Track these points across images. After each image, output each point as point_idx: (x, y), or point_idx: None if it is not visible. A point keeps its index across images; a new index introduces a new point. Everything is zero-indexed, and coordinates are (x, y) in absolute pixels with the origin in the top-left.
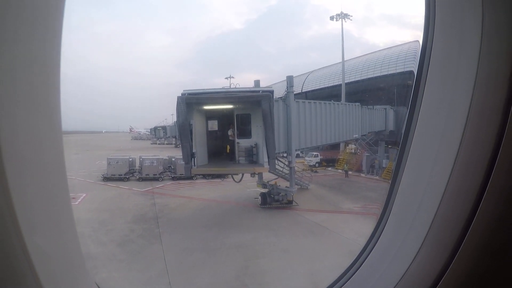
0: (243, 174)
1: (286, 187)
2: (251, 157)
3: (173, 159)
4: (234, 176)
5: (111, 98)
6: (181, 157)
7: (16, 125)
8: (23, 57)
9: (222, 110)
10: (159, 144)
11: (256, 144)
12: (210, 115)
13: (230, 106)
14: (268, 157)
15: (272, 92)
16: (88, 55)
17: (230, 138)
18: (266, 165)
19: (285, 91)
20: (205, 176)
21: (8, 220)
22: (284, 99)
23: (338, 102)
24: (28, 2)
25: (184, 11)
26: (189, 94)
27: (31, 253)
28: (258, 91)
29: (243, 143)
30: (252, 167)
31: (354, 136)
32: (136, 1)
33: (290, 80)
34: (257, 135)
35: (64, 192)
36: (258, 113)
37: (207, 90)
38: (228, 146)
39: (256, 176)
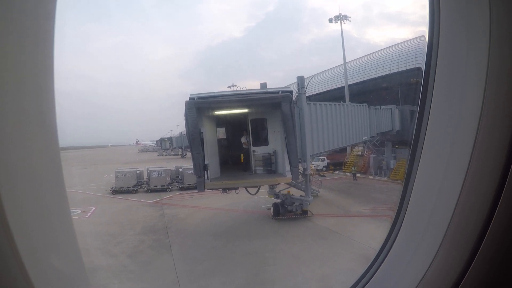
0: (259, 186)
1: (300, 196)
2: (269, 166)
3: (180, 170)
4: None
5: (116, 112)
6: (188, 167)
7: (8, 139)
8: (14, 70)
9: (234, 115)
10: (165, 155)
11: (274, 152)
12: (220, 121)
13: (243, 111)
14: (291, 166)
15: (291, 92)
16: (90, 71)
17: (244, 146)
18: (288, 174)
19: (297, 92)
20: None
21: (3, 233)
22: (296, 101)
23: (347, 103)
24: (16, 14)
25: (183, 22)
26: (199, 98)
27: (28, 269)
28: (277, 92)
29: (259, 151)
30: (273, 178)
31: (364, 138)
32: (135, 14)
33: (301, 80)
34: (274, 142)
35: (63, 206)
36: (274, 117)
37: (217, 93)
38: (242, 155)
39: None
